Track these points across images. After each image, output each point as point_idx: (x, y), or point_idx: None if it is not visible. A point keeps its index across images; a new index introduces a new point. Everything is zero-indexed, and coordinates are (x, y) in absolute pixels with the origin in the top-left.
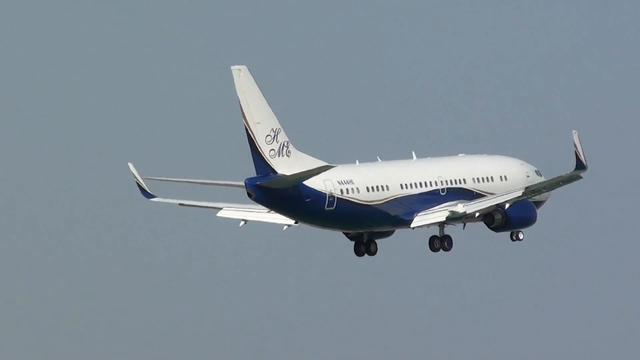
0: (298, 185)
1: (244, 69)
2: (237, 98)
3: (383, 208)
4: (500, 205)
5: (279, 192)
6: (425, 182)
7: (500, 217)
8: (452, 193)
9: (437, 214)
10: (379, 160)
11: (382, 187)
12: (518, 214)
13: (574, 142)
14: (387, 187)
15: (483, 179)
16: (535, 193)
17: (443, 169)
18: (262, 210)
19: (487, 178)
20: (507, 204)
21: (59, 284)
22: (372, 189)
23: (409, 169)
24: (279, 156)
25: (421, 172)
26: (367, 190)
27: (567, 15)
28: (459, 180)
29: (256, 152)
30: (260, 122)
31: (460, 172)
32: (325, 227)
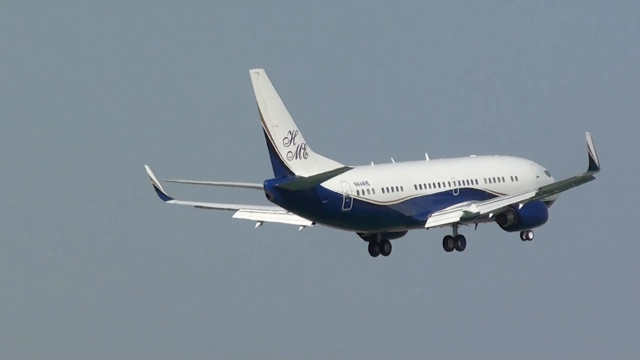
0: (315, 186)
1: (262, 72)
2: (256, 101)
3: (398, 209)
4: (513, 205)
5: (297, 194)
6: (439, 183)
7: (513, 217)
8: (465, 193)
9: (451, 214)
10: (393, 161)
11: (397, 188)
12: (530, 214)
13: (587, 143)
14: (402, 188)
15: (494, 180)
16: (548, 193)
17: (456, 169)
18: (278, 212)
19: (498, 178)
20: (521, 204)
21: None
22: (387, 190)
23: (423, 170)
24: (296, 158)
25: (434, 173)
26: (383, 191)
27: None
28: (472, 180)
29: (274, 154)
30: (278, 125)
31: (472, 172)
32: (342, 227)
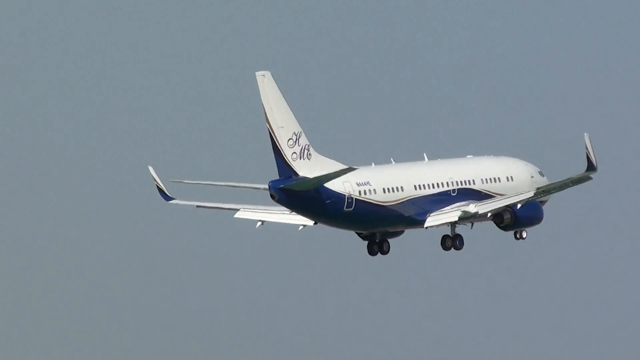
0: (319, 187)
1: (268, 74)
2: (261, 102)
3: (398, 208)
4: (510, 204)
5: (300, 194)
6: (437, 184)
7: (510, 216)
8: (462, 193)
9: (450, 214)
10: (393, 162)
11: (397, 188)
12: (526, 214)
13: (585, 144)
14: (402, 189)
15: (491, 180)
16: (545, 193)
17: (453, 170)
18: (278, 211)
19: (494, 179)
20: (519, 204)
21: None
22: (388, 190)
23: (422, 170)
24: (300, 159)
25: (433, 173)
26: (384, 191)
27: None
28: (469, 181)
29: (279, 155)
30: (283, 126)
31: (469, 173)
32: (344, 227)
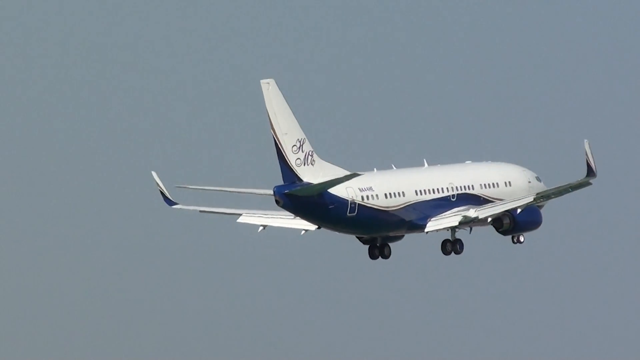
0: (322, 192)
1: (272, 82)
2: (266, 109)
3: (399, 213)
4: (509, 209)
5: (305, 200)
6: (438, 189)
7: (509, 221)
8: (462, 198)
9: (450, 218)
10: (394, 167)
11: (399, 193)
12: (525, 218)
13: (585, 150)
14: (403, 194)
15: (489, 185)
16: (545, 199)
17: (453, 176)
18: (280, 216)
19: (493, 184)
20: (519, 209)
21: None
22: (390, 196)
23: (422, 176)
24: (304, 165)
25: (433, 179)
26: (386, 196)
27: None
28: (468, 186)
29: (283, 161)
30: (287, 133)
31: (468, 178)
32: (347, 232)
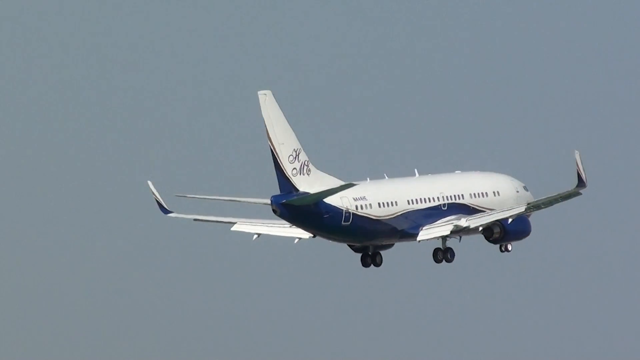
0: (318, 202)
1: (269, 93)
2: (263, 120)
3: (392, 222)
4: (499, 219)
5: (301, 209)
6: (429, 198)
7: (499, 230)
8: (452, 208)
9: (442, 227)
10: (386, 177)
11: (392, 203)
12: (515, 228)
13: (575, 161)
14: (396, 203)
15: (479, 195)
16: (536, 208)
17: (443, 185)
18: (274, 225)
19: (482, 194)
20: (510, 219)
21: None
22: (383, 205)
23: (414, 185)
24: (300, 174)
25: (425, 188)
26: (379, 205)
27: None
28: (458, 195)
29: (280, 170)
30: (283, 143)
31: (458, 188)
32: (342, 240)
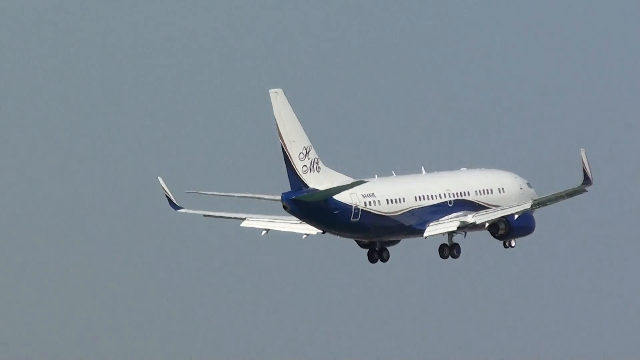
0: (327, 198)
1: (280, 92)
2: (274, 118)
3: (400, 219)
4: (505, 215)
5: (311, 205)
6: (435, 195)
7: (504, 226)
8: (458, 204)
9: (449, 223)
10: (394, 174)
11: (400, 199)
12: (520, 224)
13: (581, 158)
14: (404, 200)
15: (484, 192)
16: (541, 205)
17: (449, 182)
18: (283, 220)
19: (487, 190)
20: (516, 215)
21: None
22: (391, 202)
23: (421, 182)
24: (310, 172)
25: (431, 185)
26: (387, 202)
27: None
28: (464, 192)
29: (290, 167)
30: (294, 140)
31: (464, 185)
32: (350, 236)
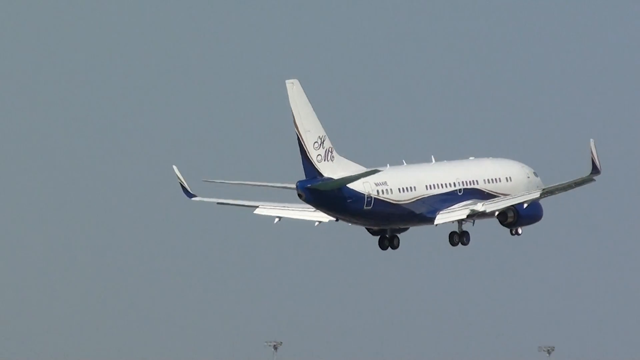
0: (341, 187)
1: (296, 82)
2: (290, 108)
3: (411, 207)
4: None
5: (325, 194)
6: (445, 184)
7: (513, 214)
8: (467, 193)
9: (459, 212)
10: (405, 163)
11: (411, 188)
12: (528, 212)
13: (590, 148)
14: (415, 188)
15: (492, 180)
16: (550, 194)
17: (459, 171)
18: (296, 208)
19: (495, 179)
20: (525, 204)
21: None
22: (403, 190)
23: (432, 171)
24: (324, 161)
25: (441, 174)
26: (399, 191)
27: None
28: (473, 181)
29: (305, 156)
30: (310, 130)
31: (473, 174)
32: (363, 223)
